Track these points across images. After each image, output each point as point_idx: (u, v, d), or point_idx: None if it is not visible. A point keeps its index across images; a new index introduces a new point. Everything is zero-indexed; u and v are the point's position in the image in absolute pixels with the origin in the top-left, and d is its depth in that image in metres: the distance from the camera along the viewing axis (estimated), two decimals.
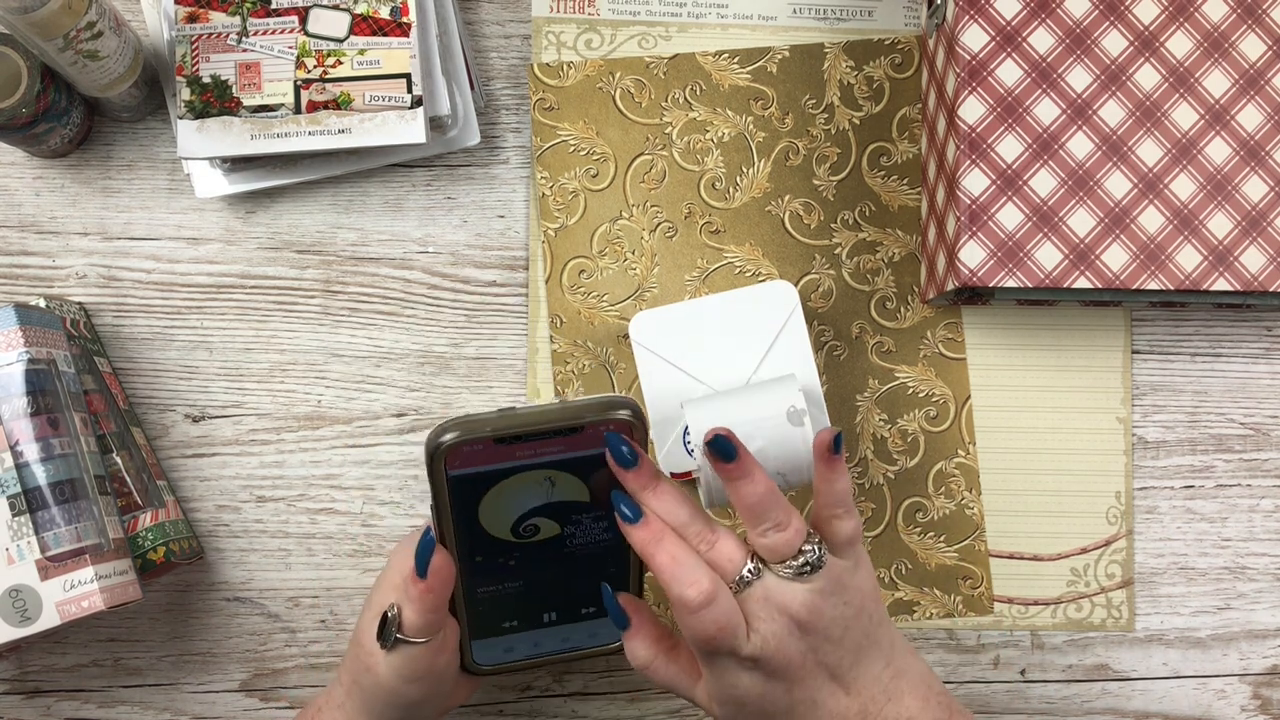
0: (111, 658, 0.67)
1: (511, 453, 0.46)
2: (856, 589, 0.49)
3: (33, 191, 0.68)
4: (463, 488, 0.47)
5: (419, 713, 0.53)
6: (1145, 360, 0.70)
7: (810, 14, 0.70)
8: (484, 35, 0.70)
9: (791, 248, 0.69)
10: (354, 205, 0.69)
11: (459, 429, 0.45)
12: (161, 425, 0.67)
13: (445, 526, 0.48)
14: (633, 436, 0.47)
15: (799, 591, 0.47)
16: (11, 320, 0.57)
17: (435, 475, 0.46)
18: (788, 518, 0.47)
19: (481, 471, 0.47)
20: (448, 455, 0.46)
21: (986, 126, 0.62)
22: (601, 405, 0.46)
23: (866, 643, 0.50)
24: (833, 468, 0.48)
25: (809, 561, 0.47)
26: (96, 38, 0.59)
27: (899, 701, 0.50)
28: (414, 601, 0.49)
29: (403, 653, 0.50)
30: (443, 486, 0.47)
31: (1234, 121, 0.62)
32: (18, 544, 0.56)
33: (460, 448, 0.45)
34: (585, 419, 0.45)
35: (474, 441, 0.45)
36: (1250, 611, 0.70)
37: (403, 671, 0.50)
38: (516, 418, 0.45)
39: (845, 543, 0.49)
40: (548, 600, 0.53)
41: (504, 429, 0.45)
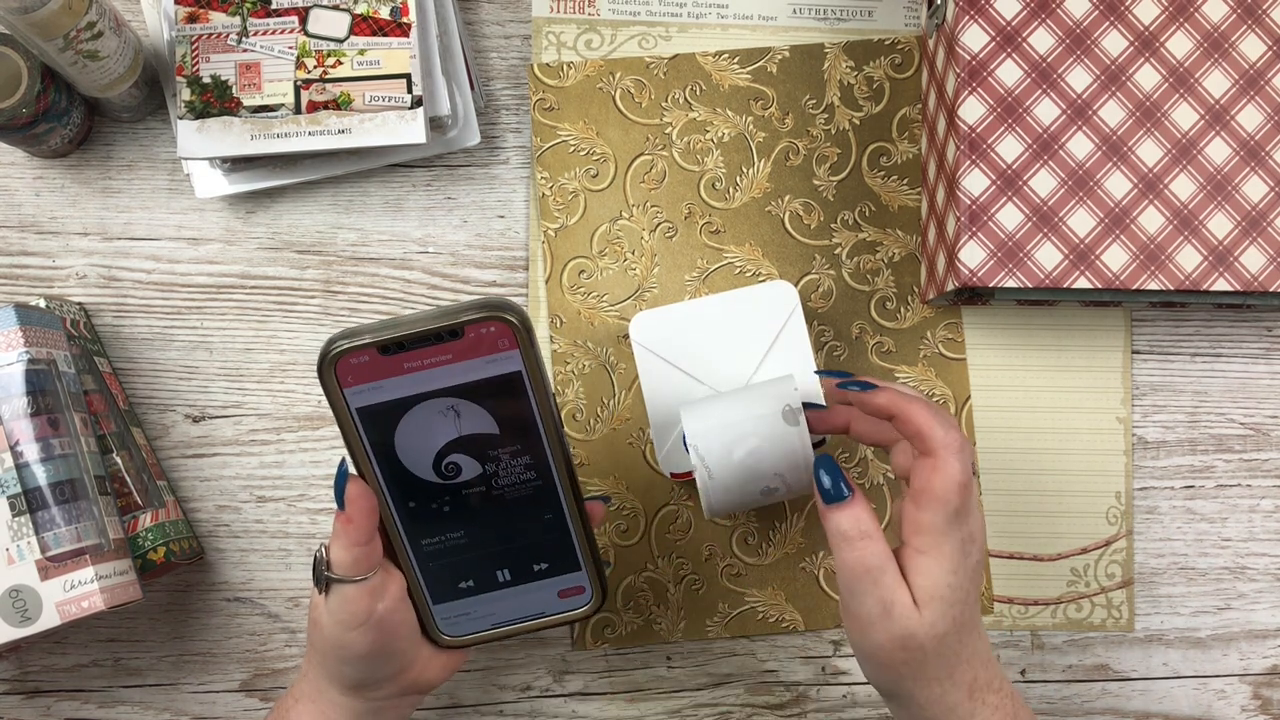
0: (111, 658, 0.67)
1: (399, 365, 0.47)
2: None
3: (33, 191, 0.68)
4: (370, 420, 0.48)
5: (378, 671, 0.52)
6: (1145, 360, 0.70)
7: (810, 14, 0.70)
8: (484, 35, 0.70)
9: (791, 248, 0.69)
10: (354, 205, 0.69)
11: (342, 338, 0.46)
12: (161, 425, 0.67)
13: (359, 456, 0.49)
14: (515, 340, 0.47)
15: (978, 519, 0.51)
16: (11, 320, 0.57)
17: (331, 393, 0.47)
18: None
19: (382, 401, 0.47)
20: (337, 368, 0.46)
21: (986, 126, 0.62)
22: (479, 305, 0.46)
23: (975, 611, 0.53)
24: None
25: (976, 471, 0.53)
26: (96, 38, 0.59)
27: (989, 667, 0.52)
28: (339, 536, 0.48)
29: (338, 595, 0.49)
30: (343, 407, 0.47)
31: (1234, 121, 0.62)
32: (18, 544, 0.56)
33: (347, 359, 0.46)
34: (462, 318, 0.46)
35: (358, 351, 0.46)
36: (1250, 611, 0.70)
37: (340, 616, 0.50)
38: (397, 323, 0.46)
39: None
40: (496, 555, 0.53)
41: (384, 335, 0.46)
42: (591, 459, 0.68)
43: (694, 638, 0.68)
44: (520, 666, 0.68)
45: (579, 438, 0.68)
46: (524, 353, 0.47)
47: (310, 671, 0.54)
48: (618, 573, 0.67)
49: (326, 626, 0.50)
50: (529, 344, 0.47)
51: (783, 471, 0.56)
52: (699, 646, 0.68)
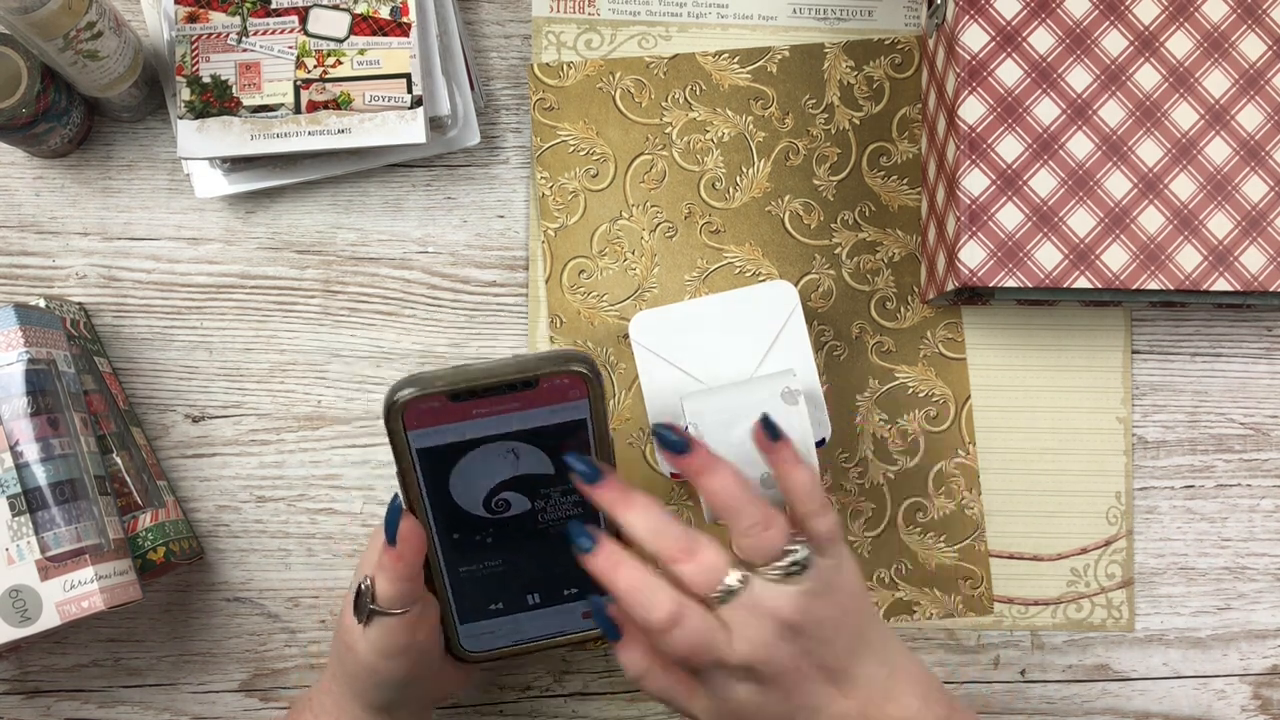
0: (111, 658, 0.67)
1: (468, 411, 0.46)
2: (843, 588, 0.48)
3: (33, 191, 0.68)
4: (430, 460, 0.48)
5: (406, 694, 0.53)
6: (1145, 360, 0.70)
7: (810, 14, 0.70)
8: (484, 35, 0.70)
9: (791, 248, 0.69)
10: (354, 205, 0.69)
11: (414, 385, 0.45)
12: (161, 425, 0.67)
13: (413, 494, 0.49)
14: (586, 391, 0.47)
15: (787, 594, 0.46)
16: (11, 320, 0.57)
17: (395, 435, 0.46)
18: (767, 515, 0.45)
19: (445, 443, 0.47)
20: (405, 413, 0.46)
21: (986, 126, 0.62)
22: (554, 359, 0.46)
23: (859, 642, 0.49)
24: (781, 458, 0.46)
25: (797, 561, 0.46)
26: (96, 38, 0.59)
27: (898, 700, 0.49)
28: (386, 570, 0.48)
29: (380, 626, 0.49)
30: (404, 448, 0.47)
31: (1234, 121, 0.62)
32: (18, 544, 0.56)
33: (416, 404, 0.45)
34: (539, 372, 0.45)
35: (429, 398, 0.45)
36: (1250, 611, 0.70)
37: (380, 646, 0.50)
38: (470, 372, 0.45)
39: (826, 540, 0.47)
40: (529, 580, 0.53)
41: (457, 383, 0.45)
42: None
43: None
44: (520, 666, 0.68)
45: None
46: (592, 403, 0.47)
47: (334, 688, 0.54)
48: None
49: (363, 654, 0.50)
50: (599, 395, 0.47)
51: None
52: None
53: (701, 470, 0.46)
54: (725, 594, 0.45)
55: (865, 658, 0.49)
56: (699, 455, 0.46)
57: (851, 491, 0.68)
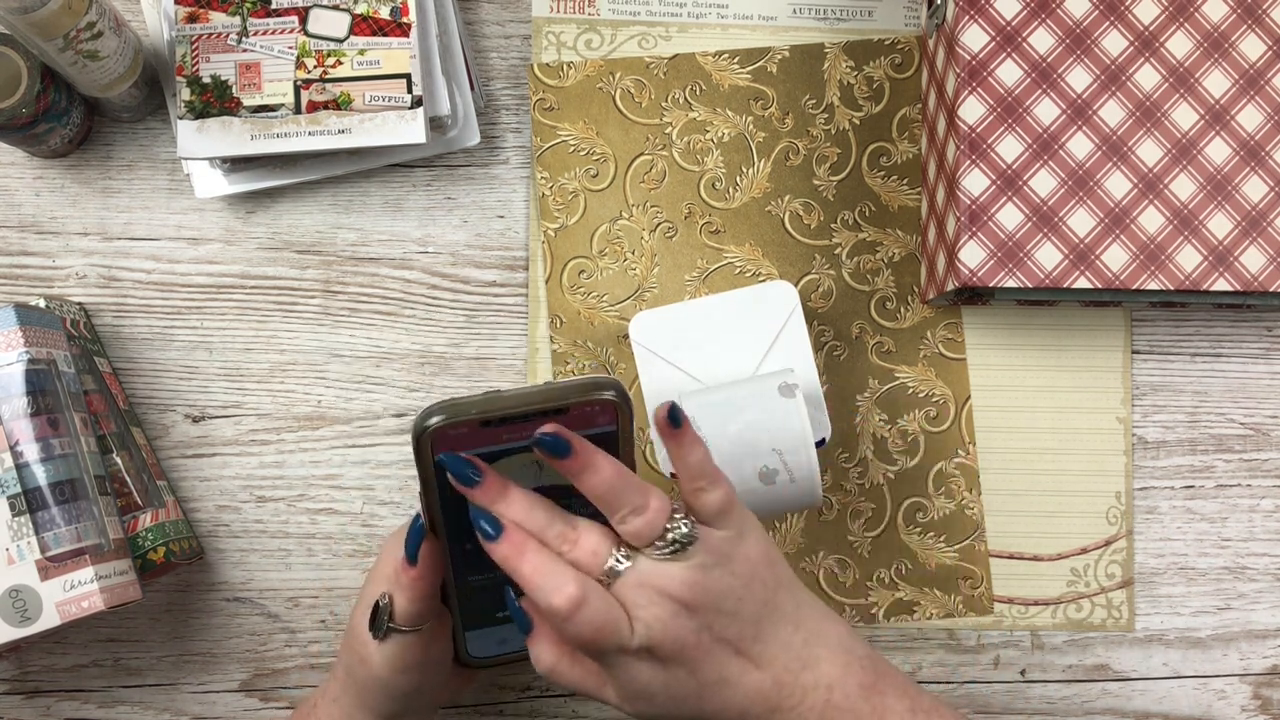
0: (111, 658, 0.67)
1: (498, 436, 0.46)
2: (744, 557, 0.47)
3: (33, 191, 0.68)
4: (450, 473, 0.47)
5: (413, 703, 0.53)
6: (1145, 360, 0.70)
7: (810, 14, 0.70)
8: (484, 35, 0.70)
9: (791, 248, 0.69)
10: (354, 205, 0.69)
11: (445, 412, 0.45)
12: (161, 425, 0.67)
13: (435, 513, 0.48)
14: (618, 418, 0.46)
15: (677, 570, 0.45)
16: (11, 320, 0.57)
17: (422, 460, 0.46)
18: (644, 498, 0.45)
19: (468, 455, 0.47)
20: (434, 439, 0.45)
21: (986, 126, 0.62)
22: (585, 386, 0.46)
23: (766, 610, 0.47)
24: (679, 441, 0.46)
25: (677, 539, 0.45)
26: (96, 38, 0.59)
27: (815, 668, 0.48)
28: (405, 590, 0.48)
29: (395, 642, 0.50)
30: (430, 472, 0.46)
31: (1234, 121, 0.62)
32: (18, 544, 0.56)
33: (446, 431, 0.45)
34: (570, 400, 0.45)
35: (460, 424, 0.45)
36: (1250, 611, 0.70)
37: (395, 661, 0.50)
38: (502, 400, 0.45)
39: (718, 513, 0.47)
40: None
41: (489, 411, 0.45)
42: None
43: None
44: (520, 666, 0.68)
45: None
46: (620, 428, 0.47)
47: (343, 699, 0.54)
48: None
49: (377, 667, 0.51)
50: (628, 420, 0.47)
51: (780, 448, 0.56)
52: None
53: (582, 468, 0.45)
54: (610, 575, 0.45)
55: (776, 625, 0.48)
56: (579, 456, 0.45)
57: (851, 491, 0.68)
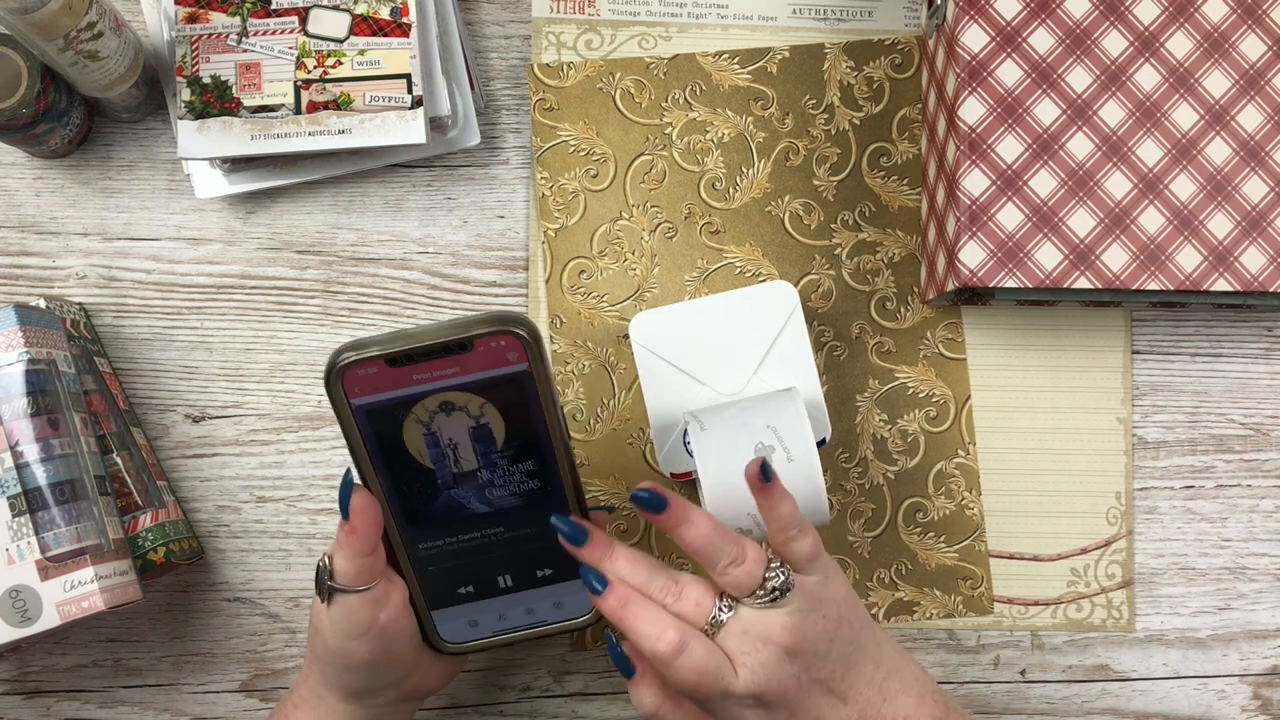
0: (111, 658, 0.67)
1: (408, 377, 0.46)
2: (832, 600, 0.50)
3: (33, 192, 0.68)
4: (376, 425, 0.48)
5: (378, 679, 0.53)
6: (1145, 360, 0.70)
7: (810, 14, 0.70)
8: (484, 35, 0.70)
9: (791, 248, 0.69)
10: (354, 205, 0.69)
11: (351, 349, 0.46)
12: (161, 425, 0.68)
13: (364, 467, 0.49)
14: (524, 354, 0.47)
15: (777, 617, 0.48)
16: (11, 320, 0.57)
17: (337, 404, 0.47)
18: (741, 550, 0.48)
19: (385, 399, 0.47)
20: (344, 380, 0.46)
21: (986, 127, 0.62)
22: (490, 319, 0.46)
23: (853, 649, 0.50)
24: (769, 495, 0.49)
25: (776, 586, 0.48)
26: (97, 38, 0.59)
27: (894, 701, 0.51)
28: (342, 546, 0.49)
29: (341, 605, 0.49)
30: (348, 416, 0.47)
31: (1234, 122, 0.62)
32: (18, 544, 0.56)
33: (354, 370, 0.46)
34: (474, 332, 0.45)
35: (366, 363, 0.45)
36: (1250, 612, 0.70)
37: (343, 625, 0.50)
38: (407, 336, 0.46)
39: (807, 560, 0.49)
40: (497, 561, 0.52)
41: (393, 347, 0.45)
42: (591, 459, 0.68)
43: None
44: (520, 666, 0.68)
45: (579, 438, 0.68)
46: (533, 366, 0.47)
47: (310, 677, 0.54)
48: None
49: (328, 635, 0.50)
50: (539, 358, 0.47)
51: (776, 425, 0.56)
52: None
53: (678, 523, 0.48)
54: (714, 625, 0.48)
55: (861, 663, 0.50)
56: (674, 510, 0.48)
57: (851, 491, 0.68)
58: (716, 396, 0.62)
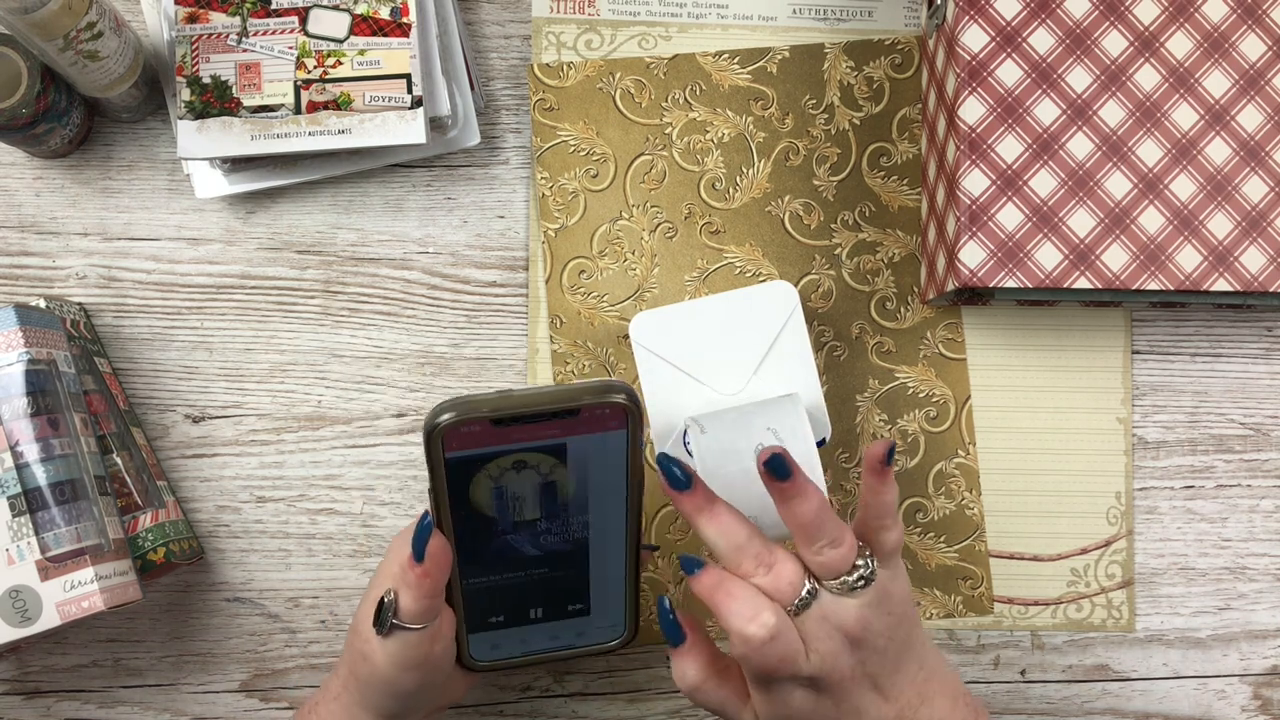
0: (112, 658, 0.67)
1: (508, 435, 0.46)
2: (898, 597, 0.49)
3: (33, 192, 0.68)
4: (458, 470, 0.48)
5: (414, 703, 0.53)
6: (1145, 360, 0.70)
7: (810, 14, 0.70)
8: (484, 35, 0.70)
9: (791, 248, 0.69)
10: (354, 205, 0.69)
11: (457, 409, 0.45)
12: (161, 425, 0.67)
13: (443, 512, 0.49)
14: (625, 422, 0.47)
15: (851, 607, 0.48)
16: (11, 320, 0.57)
17: (433, 457, 0.46)
18: (841, 533, 0.47)
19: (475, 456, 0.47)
20: (445, 436, 0.45)
21: (986, 127, 0.62)
22: (598, 389, 0.46)
23: (904, 649, 0.50)
24: (883, 479, 0.48)
25: (863, 576, 0.48)
26: (96, 38, 0.59)
27: (931, 704, 0.51)
28: (411, 587, 0.49)
29: (399, 639, 0.50)
30: (440, 469, 0.47)
31: (1234, 122, 0.62)
32: (18, 544, 0.56)
33: (458, 428, 0.45)
34: (582, 401, 0.45)
35: (471, 422, 0.45)
36: (1250, 612, 0.70)
37: (399, 659, 0.50)
38: (514, 399, 0.45)
39: (890, 552, 0.49)
40: (533, 595, 0.53)
41: (502, 410, 0.45)
42: None
43: None
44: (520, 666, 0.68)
45: None
46: (630, 434, 0.47)
47: (344, 696, 0.54)
48: None
49: (380, 665, 0.51)
50: (637, 425, 0.47)
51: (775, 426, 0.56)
52: None
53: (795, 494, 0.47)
54: (799, 606, 0.47)
55: (908, 662, 0.50)
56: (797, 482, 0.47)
57: (852, 491, 0.68)
58: (716, 396, 0.62)
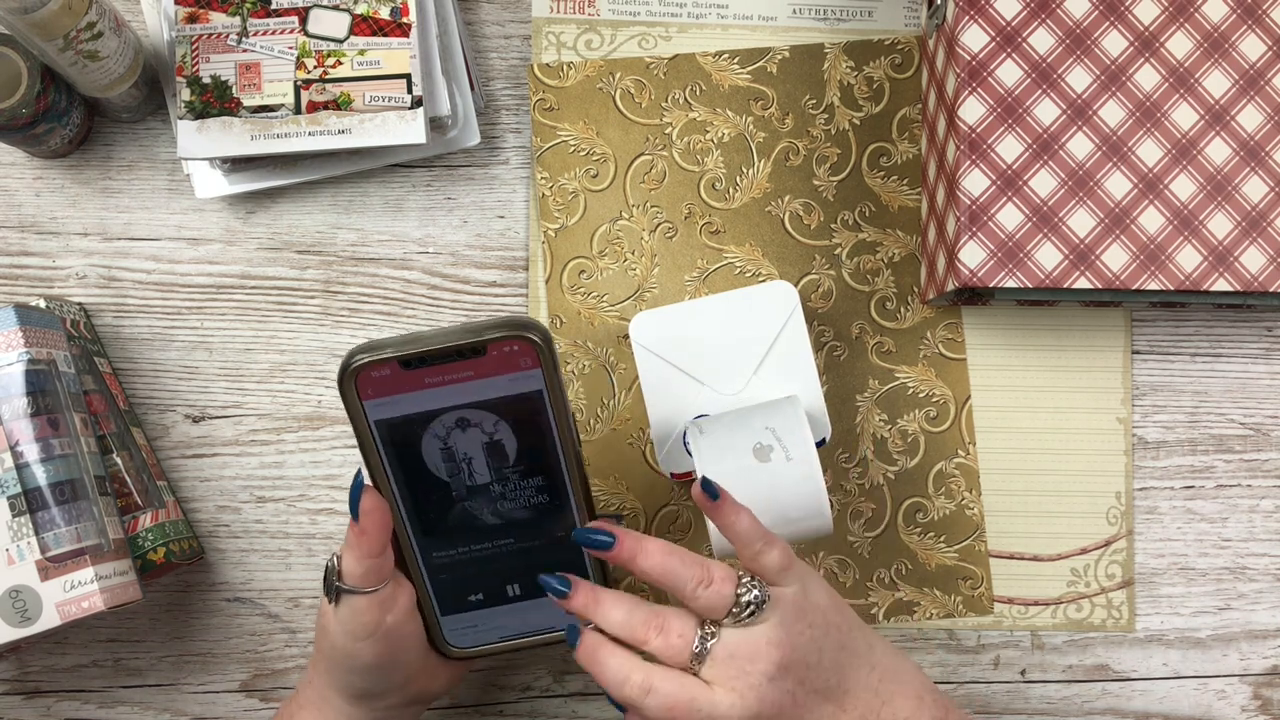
0: (112, 658, 0.67)
1: (420, 380, 0.47)
2: (815, 607, 0.49)
3: (33, 192, 0.68)
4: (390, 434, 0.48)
5: (380, 681, 0.52)
6: (1145, 360, 0.70)
7: (810, 14, 0.70)
8: (484, 35, 0.70)
9: (791, 248, 0.69)
10: (354, 205, 0.69)
11: (363, 352, 0.46)
12: (161, 425, 0.68)
13: (375, 469, 0.49)
14: (537, 359, 0.47)
15: (760, 633, 0.47)
16: (11, 320, 0.57)
17: (350, 405, 0.47)
18: (706, 571, 0.48)
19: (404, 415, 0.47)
20: (357, 381, 0.46)
21: (986, 127, 0.62)
22: (503, 323, 0.46)
23: (844, 654, 0.50)
24: (721, 513, 0.49)
25: (751, 601, 0.47)
26: (96, 38, 0.59)
27: (892, 703, 0.50)
28: (351, 547, 0.48)
29: (348, 606, 0.49)
30: (361, 418, 0.47)
31: (1234, 122, 0.62)
32: (18, 544, 0.56)
33: (368, 372, 0.46)
34: (487, 337, 0.46)
35: (380, 364, 0.46)
36: (1250, 612, 0.70)
37: (350, 626, 0.50)
38: (420, 339, 0.46)
39: (779, 570, 0.49)
40: (507, 571, 0.53)
41: (407, 350, 0.46)
42: (592, 459, 0.68)
43: None
44: (520, 666, 0.68)
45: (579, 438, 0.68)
46: (545, 372, 0.47)
47: (315, 679, 0.54)
48: (617, 573, 0.67)
49: (335, 636, 0.50)
50: (551, 364, 0.47)
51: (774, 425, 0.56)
52: None
53: (632, 556, 0.48)
54: (700, 656, 0.48)
55: (856, 668, 0.50)
56: (625, 544, 0.48)
57: (851, 491, 0.68)
58: (717, 396, 0.62)
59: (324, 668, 0.53)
